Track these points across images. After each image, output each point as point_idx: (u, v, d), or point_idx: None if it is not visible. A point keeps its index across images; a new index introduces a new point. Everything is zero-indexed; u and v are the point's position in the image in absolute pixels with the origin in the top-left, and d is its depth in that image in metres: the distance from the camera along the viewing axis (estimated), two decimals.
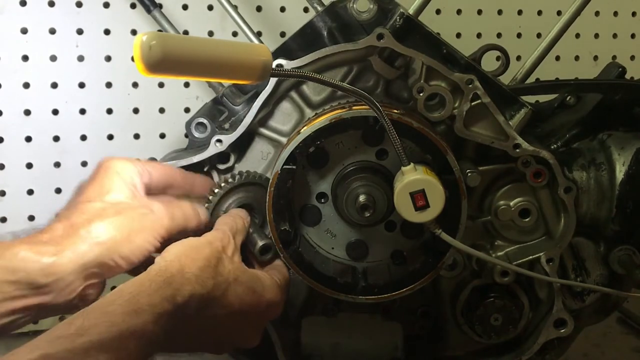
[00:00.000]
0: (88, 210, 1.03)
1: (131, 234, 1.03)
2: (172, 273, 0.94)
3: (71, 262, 0.98)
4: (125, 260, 1.02)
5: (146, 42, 0.86)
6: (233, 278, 1.02)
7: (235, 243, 1.09)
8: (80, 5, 1.61)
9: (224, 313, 0.99)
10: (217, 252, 1.02)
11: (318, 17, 1.25)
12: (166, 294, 0.90)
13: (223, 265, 1.01)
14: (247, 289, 1.03)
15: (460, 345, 1.31)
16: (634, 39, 1.91)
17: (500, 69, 1.27)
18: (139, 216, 1.05)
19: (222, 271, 1.00)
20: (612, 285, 1.26)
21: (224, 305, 0.99)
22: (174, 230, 1.08)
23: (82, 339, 0.79)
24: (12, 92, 1.60)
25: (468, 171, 1.16)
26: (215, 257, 1.01)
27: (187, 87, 1.70)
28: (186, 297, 0.92)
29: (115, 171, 1.09)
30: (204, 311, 0.96)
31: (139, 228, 1.04)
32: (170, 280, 0.93)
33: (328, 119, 1.12)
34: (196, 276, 0.96)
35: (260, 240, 1.16)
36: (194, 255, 0.99)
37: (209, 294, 0.96)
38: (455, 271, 1.25)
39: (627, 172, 1.21)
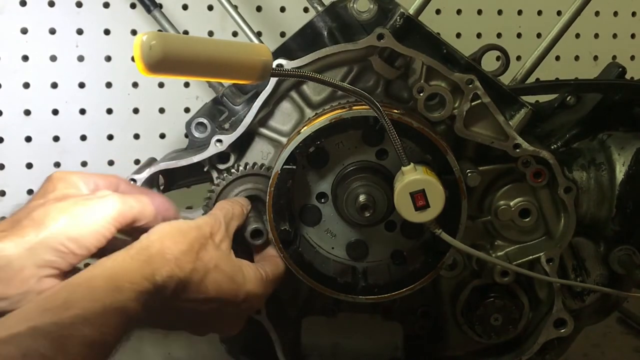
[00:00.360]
0: (30, 206, 1.02)
1: (78, 217, 0.99)
2: (151, 253, 0.94)
3: (15, 247, 0.95)
4: (76, 243, 0.98)
5: (146, 42, 0.86)
6: (213, 265, 1.01)
7: (228, 230, 1.09)
8: (80, 5, 1.61)
9: (200, 298, 0.99)
10: (202, 237, 1.02)
11: (318, 17, 1.25)
12: (146, 273, 0.90)
13: (206, 250, 1.01)
14: (227, 278, 1.03)
15: (460, 345, 1.31)
16: (634, 39, 1.91)
17: (500, 69, 1.27)
18: (85, 200, 1.03)
19: (203, 257, 1.00)
20: (612, 285, 1.26)
21: (200, 291, 0.99)
22: (128, 215, 1.05)
23: (68, 313, 0.79)
24: (12, 92, 1.60)
25: (468, 171, 1.17)
26: (199, 242, 1.01)
27: (187, 87, 1.70)
28: (164, 277, 0.92)
29: (57, 177, 1.08)
30: (181, 294, 0.96)
31: (86, 211, 1.01)
32: (150, 260, 0.93)
33: (328, 119, 1.12)
34: (176, 259, 0.96)
35: (253, 224, 1.16)
36: (178, 238, 0.99)
37: (186, 277, 0.96)
38: (455, 271, 1.25)
39: (627, 172, 1.21)
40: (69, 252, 0.98)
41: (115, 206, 1.03)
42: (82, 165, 1.65)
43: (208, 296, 1.00)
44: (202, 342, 1.59)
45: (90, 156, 1.66)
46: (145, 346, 1.62)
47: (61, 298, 0.82)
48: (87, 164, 1.65)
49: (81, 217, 1.00)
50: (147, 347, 1.61)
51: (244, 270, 1.07)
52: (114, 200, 1.04)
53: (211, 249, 1.03)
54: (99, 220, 1.01)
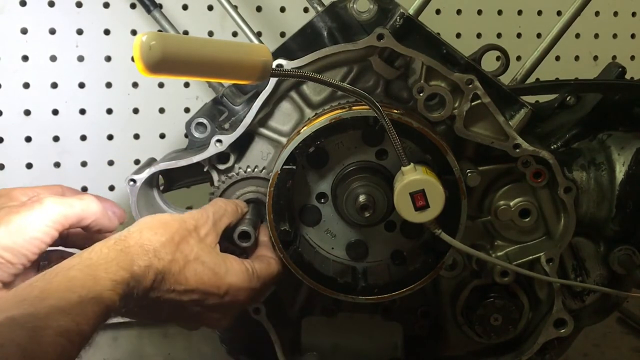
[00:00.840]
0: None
1: (10, 225, 0.99)
2: (130, 244, 0.94)
3: None
4: (11, 252, 0.99)
5: (146, 42, 0.86)
6: (194, 256, 1.02)
7: (217, 225, 1.10)
8: (80, 5, 1.61)
9: (180, 289, 1.00)
10: (185, 230, 1.03)
11: (318, 17, 1.25)
12: (124, 263, 0.91)
13: (187, 243, 1.02)
14: (208, 269, 1.03)
15: (460, 345, 1.31)
16: (634, 39, 1.91)
17: (500, 69, 1.27)
18: (18, 207, 1.02)
19: (183, 248, 1.01)
20: (612, 285, 1.26)
21: (179, 281, 0.99)
22: (70, 215, 1.05)
23: (44, 303, 0.80)
24: (12, 92, 1.60)
25: (468, 171, 1.17)
26: (180, 235, 1.01)
27: (187, 87, 1.70)
28: (142, 267, 0.93)
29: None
30: (161, 284, 0.97)
31: (19, 218, 1.00)
32: (127, 250, 0.93)
33: (328, 119, 1.12)
34: (155, 249, 0.96)
35: (242, 226, 1.16)
36: (159, 229, 0.99)
37: (164, 267, 0.96)
38: (455, 271, 1.25)
39: (627, 172, 1.21)
40: (6, 263, 0.99)
41: (52, 208, 1.03)
42: (82, 165, 1.65)
43: (188, 287, 1.00)
44: (202, 342, 1.60)
45: (90, 156, 1.66)
46: (145, 346, 1.62)
47: (38, 288, 0.82)
48: (87, 164, 1.65)
49: (14, 225, 1.00)
50: (147, 347, 1.62)
51: (228, 263, 1.07)
52: (51, 202, 1.04)
53: (193, 241, 1.03)
54: (34, 225, 1.01)
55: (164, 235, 0.99)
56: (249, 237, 1.16)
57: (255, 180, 1.23)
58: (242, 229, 1.16)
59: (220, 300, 1.05)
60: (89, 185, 1.61)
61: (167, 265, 0.97)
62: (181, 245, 1.01)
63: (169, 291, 0.99)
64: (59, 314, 0.79)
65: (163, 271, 0.97)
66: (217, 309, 1.06)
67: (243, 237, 1.16)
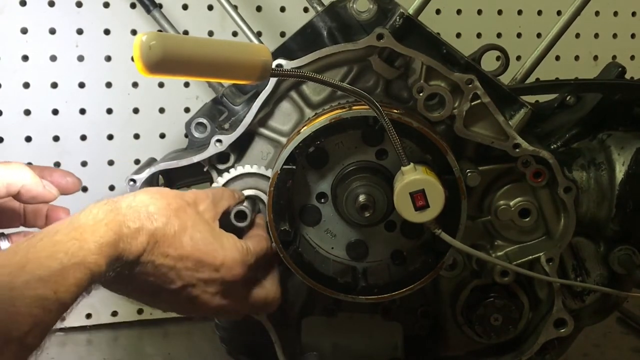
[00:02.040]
0: None
1: None
2: (121, 205, 0.93)
3: None
4: None
5: (146, 42, 0.86)
6: (191, 224, 1.00)
7: (217, 206, 1.09)
8: (80, 5, 1.61)
9: (176, 254, 0.98)
10: (183, 200, 1.02)
11: (318, 17, 1.25)
12: (112, 224, 0.89)
13: (184, 211, 1.01)
14: (204, 238, 1.02)
15: (460, 345, 1.31)
16: (634, 39, 1.91)
17: (500, 69, 1.27)
18: None
19: (180, 215, 0.99)
20: (612, 285, 1.26)
21: (175, 245, 0.97)
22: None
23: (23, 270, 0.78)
24: (12, 92, 1.60)
25: (468, 171, 1.17)
26: (177, 203, 1.00)
27: (187, 87, 1.70)
28: (132, 229, 0.91)
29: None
30: (155, 247, 0.95)
31: None
32: (117, 210, 0.92)
33: (328, 119, 1.12)
34: (148, 212, 0.95)
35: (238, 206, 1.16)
36: (155, 194, 0.99)
37: (157, 229, 0.95)
38: (455, 271, 1.25)
39: (627, 172, 1.21)
40: None
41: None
42: (82, 165, 1.65)
43: (183, 252, 0.98)
44: (203, 342, 1.60)
45: (90, 156, 1.65)
46: (145, 346, 1.62)
47: (21, 253, 0.81)
48: (87, 163, 1.65)
49: None
50: (147, 347, 1.62)
51: (224, 237, 1.06)
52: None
53: (191, 211, 1.02)
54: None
55: (159, 200, 0.98)
56: (246, 216, 1.15)
57: (254, 176, 1.23)
58: (239, 209, 1.15)
59: (216, 273, 1.03)
60: (89, 185, 1.61)
61: (162, 228, 0.96)
62: (178, 212, 0.99)
63: (163, 255, 0.96)
64: (37, 281, 0.78)
65: (156, 234, 0.95)
66: (212, 283, 1.04)
67: (240, 216, 1.16)
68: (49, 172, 1.13)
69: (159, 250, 0.96)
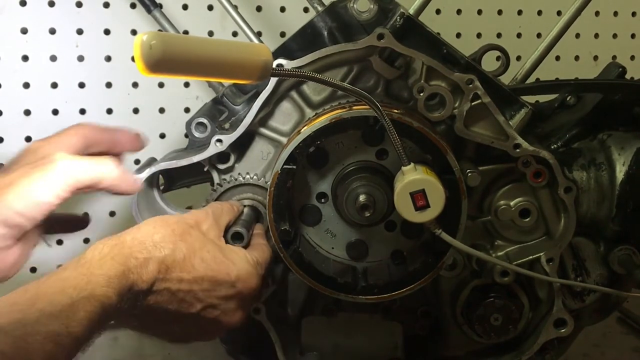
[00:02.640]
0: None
1: (22, 189, 1.01)
2: (126, 239, 0.94)
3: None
4: (22, 216, 1.01)
5: (146, 41, 0.86)
6: (199, 246, 1.01)
7: (219, 222, 1.09)
8: (80, 5, 1.61)
9: (190, 277, 0.98)
10: (185, 224, 1.02)
11: (318, 17, 1.25)
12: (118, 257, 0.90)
13: (189, 234, 1.01)
14: (215, 257, 1.02)
15: (460, 345, 1.31)
16: (634, 39, 1.91)
17: (500, 69, 1.27)
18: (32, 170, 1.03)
19: (186, 239, 1.00)
20: (612, 285, 1.26)
21: (187, 269, 0.98)
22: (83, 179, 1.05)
23: (34, 307, 0.79)
24: (12, 92, 1.60)
25: (468, 171, 1.17)
26: (181, 228, 1.01)
27: (187, 87, 1.70)
28: (140, 259, 0.92)
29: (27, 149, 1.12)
30: (168, 273, 0.95)
31: (30, 182, 1.02)
32: (122, 244, 0.93)
33: (328, 118, 1.12)
34: (154, 242, 0.96)
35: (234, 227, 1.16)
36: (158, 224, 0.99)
37: (166, 256, 0.95)
38: (455, 271, 1.25)
39: (627, 172, 1.21)
40: (15, 226, 1.01)
41: (64, 173, 1.03)
42: None
43: (197, 275, 0.99)
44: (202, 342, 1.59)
45: None
46: (145, 346, 1.62)
47: (31, 290, 0.82)
48: None
49: (25, 189, 1.01)
50: (147, 347, 1.61)
51: (234, 252, 1.07)
52: (63, 165, 1.04)
53: (196, 233, 1.02)
54: (48, 192, 1.02)
55: (163, 228, 0.99)
56: (242, 238, 1.15)
57: (252, 187, 1.23)
58: (235, 230, 1.15)
59: (233, 289, 1.03)
60: None
61: (170, 254, 0.96)
62: (184, 236, 1.00)
63: (178, 280, 0.97)
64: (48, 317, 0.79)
65: (166, 261, 0.95)
66: (231, 299, 1.04)
67: (236, 238, 1.16)
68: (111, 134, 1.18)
69: (172, 276, 0.96)
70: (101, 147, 1.18)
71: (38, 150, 1.12)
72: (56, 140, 1.14)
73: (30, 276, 1.70)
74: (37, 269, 1.71)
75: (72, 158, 1.06)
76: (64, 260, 1.70)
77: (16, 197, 1.01)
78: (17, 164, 1.09)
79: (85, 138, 1.15)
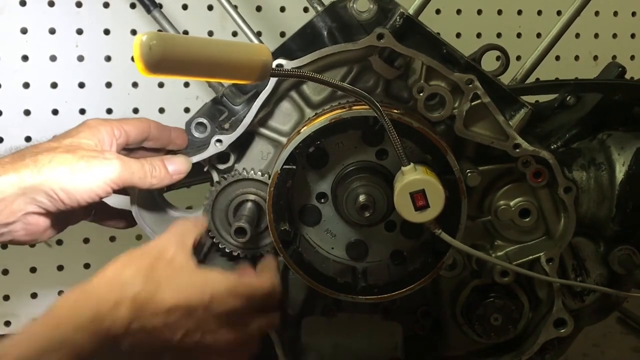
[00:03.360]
0: (40, 146, 1.11)
1: (76, 171, 1.07)
2: (93, 284, 0.96)
3: (11, 184, 1.05)
4: (67, 194, 1.07)
5: (146, 42, 0.86)
6: (165, 278, 1.01)
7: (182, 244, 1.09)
8: (80, 5, 1.61)
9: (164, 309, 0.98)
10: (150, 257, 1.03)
11: (318, 17, 1.24)
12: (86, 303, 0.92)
13: (155, 266, 1.02)
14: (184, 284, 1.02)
15: (460, 345, 1.31)
16: (634, 39, 1.91)
17: (500, 69, 1.27)
18: (89, 157, 1.09)
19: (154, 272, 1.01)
20: (612, 285, 1.26)
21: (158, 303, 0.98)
22: (127, 179, 1.12)
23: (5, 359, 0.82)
24: (12, 92, 1.60)
25: (468, 171, 1.17)
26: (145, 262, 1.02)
27: (187, 87, 1.70)
28: (111, 302, 0.93)
29: (87, 124, 1.16)
30: (142, 311, 0.96)
31: (86, 168, 1.08)
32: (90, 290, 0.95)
33: (328, 119, 1.12)
34: (122, 283, 0.97)
35: (237, 222, 1.16)
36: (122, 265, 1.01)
37: (137, 295, 0.97)
38: (455, 271, 1.25)
39: (627, 172, 1.21)
40: (58, 200, 1.07)
41: (115, 170, 1.10)
42: None
43: (170, 305, 0.99)
44: None
45: None
46: None
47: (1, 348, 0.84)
48: None
49: (79, 172, 1.07)
50: None
51: (205, 273, 1.07)
52: (116, 164, 1.10)
53: (161, 264, 1.03)
54: (95, 179, 1.08)
55: (127, 266, 1.00)
56: (245, 233, 1.15)
57: (254, 182, 1.23)
58: (238, 225, 1.16)
59: (207, 311, 1.03)
60: None
61: (141, 293, 0.97)
62: (151, 271, 1.01)
63: (153, 315, 0.97)
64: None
65: (138, 299, 0.96)
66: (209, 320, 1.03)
67: (239, 233, 1.16)
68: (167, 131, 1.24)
69: (146, 314, 0.97)
70: (157, 144, 1.23)
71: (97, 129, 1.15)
72: (117, 126, 1.18)
73: (30, 276, 1.71)
74: (37, 269, 1.71)
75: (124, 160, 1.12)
76: (64, 260, 1.71)
77: (71, 176, 1.06)
78: (73, 137, 1.14)
79: (144, 133, 1.21)
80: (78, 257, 1.71)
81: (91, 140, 1.13)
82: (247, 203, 1.22)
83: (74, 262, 1.72)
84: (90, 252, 1.73)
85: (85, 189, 1.07)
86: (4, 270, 1.70)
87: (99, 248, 1.72)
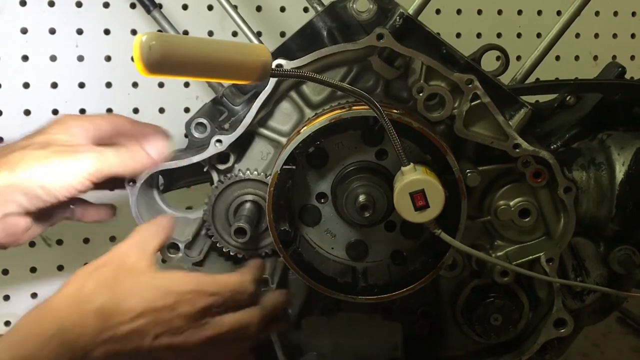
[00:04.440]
0: (11, 146, 1.11)
1: (53, 167, 1.07)
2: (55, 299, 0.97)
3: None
4: (45, 190, 1.07)
5: (146, 42, 0.86)
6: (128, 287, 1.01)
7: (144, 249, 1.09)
8: (80, 5, 1.61)
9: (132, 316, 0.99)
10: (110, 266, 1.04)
11: (318, 17, 1.25)
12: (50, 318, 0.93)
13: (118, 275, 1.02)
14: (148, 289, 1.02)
15: (460, 345, 1.31)
16: (634, 39, 1.91)
17: (500, 69, 1.27)
18: (63, 152, 1.09)
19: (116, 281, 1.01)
20: (612, 285, 1.26)
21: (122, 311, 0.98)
22: (105, 171, 1.12)
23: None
24: (12, 92, 1.60)
25: (468, 171, 1.17)
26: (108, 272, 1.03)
27: (187, 87, 1.70)
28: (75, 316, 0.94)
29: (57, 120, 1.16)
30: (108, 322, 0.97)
31: (62, 163, 1.07)
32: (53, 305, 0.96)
33: (328, 119, 1.12)
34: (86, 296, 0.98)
35: (237, 223, 1.16)
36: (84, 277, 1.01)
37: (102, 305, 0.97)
38: (455, 271, 1.25)
39: (627, 172, 1.21)
40: (36, 197, 1.07)
41: (91, 163, 1.10)
42: None
43: (137, 311, 0.99)
44: None
45: None
46: None
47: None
48: None
49: (56, 167, 1.07)
50: None
51: (169, 276, 1.06)
52: (91, 157, 1.10)
53: (123, 272, 1.03)
54: (72, 173, 1.08)
55: (90, 279, 1.01)
56: (245, 233, 1.15)
57: (254, 182, 1.23)
58: (238, 226, 1.16)
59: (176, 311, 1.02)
60: None
61: (105, 304, 0.98)
62: (114, 280, 1.01)
63: (121, 323, 0.98)
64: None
65: (104, 310, 0.97)
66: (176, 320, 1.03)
67: (239, 233, 1.16)
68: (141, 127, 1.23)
69: (113, 323, 0.98)
70: (128, 139, 1.21)
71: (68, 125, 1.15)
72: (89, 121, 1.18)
73: (30, 276, 1.71)
74: (36, 269, 1.71)
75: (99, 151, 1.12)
76: (64, 260, 1.71)
77: (47, 172, 1.06)
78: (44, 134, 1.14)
79: (115, 127, 1.20)
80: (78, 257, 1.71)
81: (64, 135, 1.13)
82: (247, 203, 1.22)
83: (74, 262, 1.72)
84: (90, 252, 1.73)
85: (62, 183, 1.07)
86: (4, 270, 1.70)
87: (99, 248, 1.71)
